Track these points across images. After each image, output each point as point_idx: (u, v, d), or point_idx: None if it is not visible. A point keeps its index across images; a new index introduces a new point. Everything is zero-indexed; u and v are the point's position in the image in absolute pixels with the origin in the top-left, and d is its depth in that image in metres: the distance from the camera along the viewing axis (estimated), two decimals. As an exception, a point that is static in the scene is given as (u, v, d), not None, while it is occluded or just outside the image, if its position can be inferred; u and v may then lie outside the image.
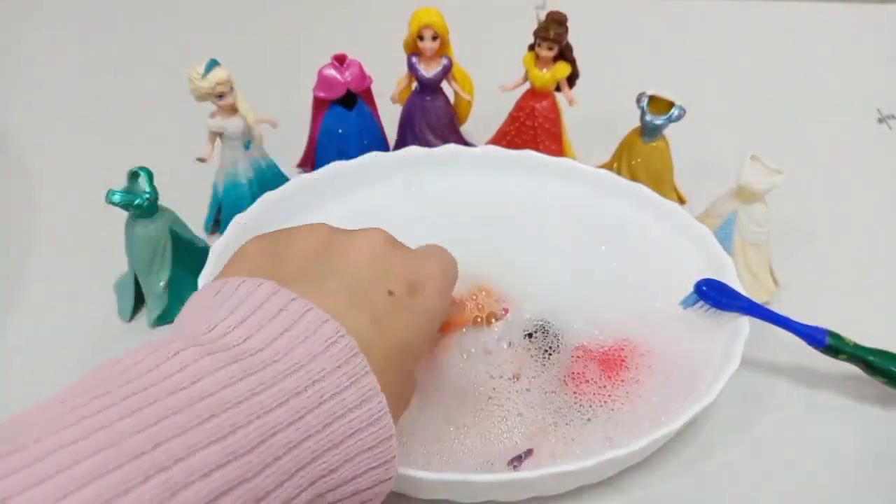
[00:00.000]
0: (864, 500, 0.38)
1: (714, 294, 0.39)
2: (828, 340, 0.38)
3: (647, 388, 0.38)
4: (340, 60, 0.52)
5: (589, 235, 0.47)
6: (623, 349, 0.40)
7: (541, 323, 0.42)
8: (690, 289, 0.41)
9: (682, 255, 0.45)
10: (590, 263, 0.45)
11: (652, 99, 0.49)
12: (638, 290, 0.43)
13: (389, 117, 0.56)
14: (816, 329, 0.39)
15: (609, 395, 0.38)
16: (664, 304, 0.42)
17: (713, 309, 0.39)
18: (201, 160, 0.48)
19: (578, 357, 0.40)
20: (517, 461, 0.35)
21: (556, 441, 0.36)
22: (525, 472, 0.33)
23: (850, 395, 0.43)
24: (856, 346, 0.39)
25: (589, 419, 0.37)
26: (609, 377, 0.39)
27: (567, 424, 0.37)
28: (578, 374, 0.39)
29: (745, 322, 0.39)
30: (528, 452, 0.35)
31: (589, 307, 0.42)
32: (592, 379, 0.39)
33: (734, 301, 0.39)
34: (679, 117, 0.49)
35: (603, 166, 0.53)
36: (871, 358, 0.39)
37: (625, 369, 0.39)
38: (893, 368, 0.39)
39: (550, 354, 0.40)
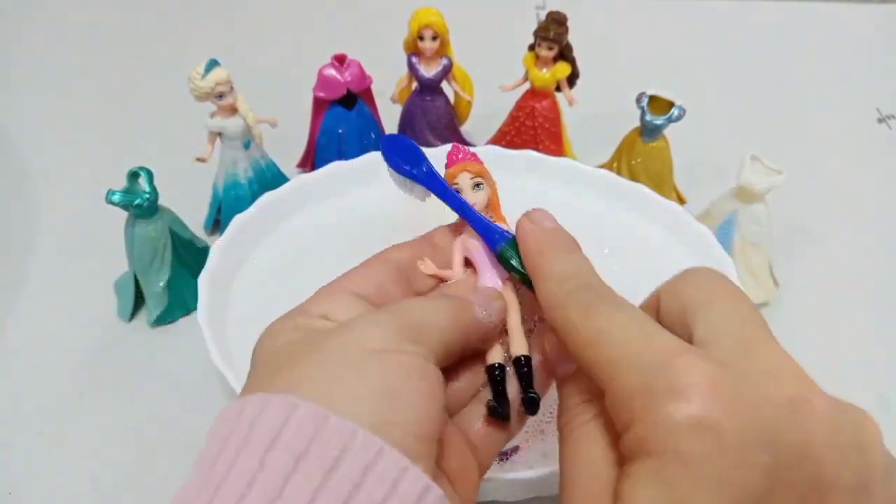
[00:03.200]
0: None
1: (394, 154, 0.30)
2: (500, 248, 0.28)
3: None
4: (340, 60, 0.52)
5: (588, 236, 0.46)
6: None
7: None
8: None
9: (681, 255, 0.44)
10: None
11: (652, 99, 0.49)
12: (637, 291, 0.43)
13: (389, 117, 0.56)
14: (498, 231, 0.29)
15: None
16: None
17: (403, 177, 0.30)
18: (201, 160, 0.48)
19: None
20: (504, 456, 0.35)
21: (550, 440, 0.36)
22: (525, 472, 0.32)
23: (849, 395, 0.43)
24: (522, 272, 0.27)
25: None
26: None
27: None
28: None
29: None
30: (515, 449, 0.35)
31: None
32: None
33: (415, 166, 0.30)
34: (679, 117, 0.49)
35: (603, 166, 0.53)
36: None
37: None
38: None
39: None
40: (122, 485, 0.38)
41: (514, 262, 0.27)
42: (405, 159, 0.30)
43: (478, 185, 0.30)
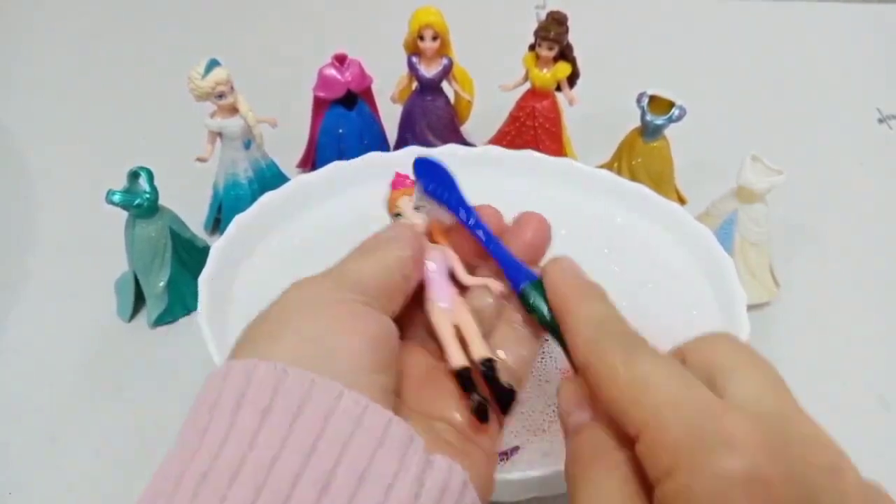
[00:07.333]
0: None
1: (428, 177, 0.29)
2: (524, 287, 0.28)
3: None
4: (340, 60, 0.52)
5: (589, 236, 0.46)
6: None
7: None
8: (691, 289, 0.41)
9: (682, 255, 0.45)
10: (589, 264, 0.44)
11: (652, 99, 0.49)
12: (638, 291, 0.43)
13: (389, 117, 0.56)
14: (525, 271, 0.29)
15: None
16: (664, 305, 0.42)
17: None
18: (201, 160, 0.48)
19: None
20: (504, 456, 0.35)
21: (550, 440, 0.36)
22: (525, 472, 0.32)
23: (849, 395, 0.43)
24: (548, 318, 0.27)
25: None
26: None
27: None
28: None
29: (745, 323, 0.39)
30: (515, 449, 0.35)
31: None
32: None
33: (446, 193, 0.29)
34: (679, 117, 0.49)
35: (603, 166, 0.53)
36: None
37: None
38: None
39: (543, 357, 0.40)
40: (122, 485, 0.38)
41: (537, 303, 0.27)
42: (437, 182, 0.29)
43: (417, 207, 0.30)
